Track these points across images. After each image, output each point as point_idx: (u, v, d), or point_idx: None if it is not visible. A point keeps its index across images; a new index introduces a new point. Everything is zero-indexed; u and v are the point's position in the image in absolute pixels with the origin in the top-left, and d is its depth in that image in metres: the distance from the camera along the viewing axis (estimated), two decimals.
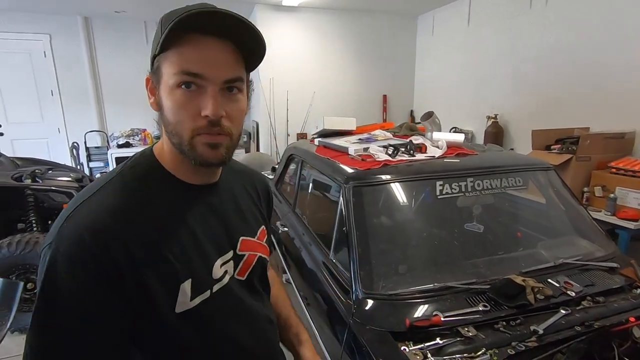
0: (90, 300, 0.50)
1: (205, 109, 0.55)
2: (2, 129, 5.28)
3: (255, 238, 0.74)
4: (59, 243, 0.51)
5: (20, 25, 5.05)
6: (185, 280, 0.58)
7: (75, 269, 0.50)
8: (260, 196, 0.81)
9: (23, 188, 2.52)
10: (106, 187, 0.58)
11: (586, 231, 1.50)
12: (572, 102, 3.19)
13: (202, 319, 0.61)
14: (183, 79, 0.54)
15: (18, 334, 2.41)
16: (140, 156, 0.65)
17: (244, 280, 0.71)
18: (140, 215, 0.56)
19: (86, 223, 0.52)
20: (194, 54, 0.54)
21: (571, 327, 1.02)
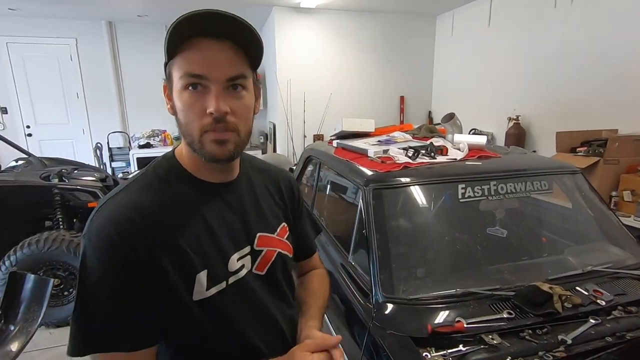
0: (114, 283, 0.57)
1: (209, 106, 0.58)
2: (31, 130, 5.50)
3: (274, 234, 0.77)
4: (90, 235, 0.59)
5: (49, 30, 5.26)
6: (201, 270, 0.63)
7: (102, 256, 0.57)
8: (284, 194, 0.83)
9: (51, 187, 2.62)
10: (131, 185, 0.64)
11: (616, 237, 1.44)
12: (598, 104, 3.08)
13: (217, 308, 0.65)
14: (188, 81, 0.59)
15: (45, 328, 2.50)
16: (163, 158, 0.70)
17: (264, 275, 0.73)
18: (161, 211, 0.62)
19: (111, 217, 0.59)
20: (196, 56, 0.58)
21: (601, 337, 0.98)
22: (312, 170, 2.25)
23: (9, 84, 5.26)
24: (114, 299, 0.57)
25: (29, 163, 3.12)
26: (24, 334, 0.99)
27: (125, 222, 0.58)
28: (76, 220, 2.81)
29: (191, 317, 0.63)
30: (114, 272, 0.57)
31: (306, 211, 0.94)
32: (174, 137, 5.78)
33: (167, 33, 0.58)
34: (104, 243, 0.57)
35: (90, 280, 0.57)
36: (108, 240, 0.57)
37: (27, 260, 2.31)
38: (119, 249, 0.57)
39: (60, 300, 2.49)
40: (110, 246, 0.57)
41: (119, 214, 0.59)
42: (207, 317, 0.64)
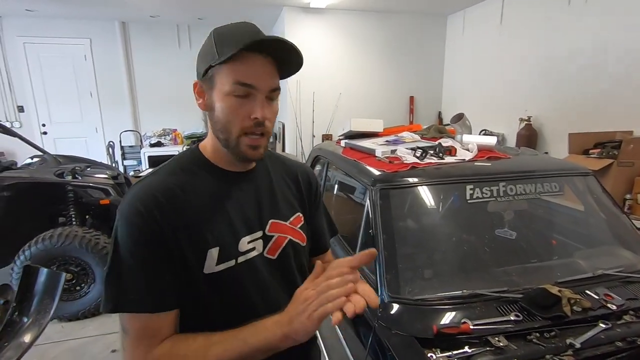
0: (140, 250, 0.65)
1: (255, 113, 0.68)
2: (46, 128, 5.63)
3: (287, 222, 0.82)
4: (122, 209, 0.67)
5: (64, 31, 5.38)
6: (213, 247, 0.69)
7: (130, 227, 0.65)
8: (301, 186, 0.89)
9: (64, 184, 2.68)
10: (159, 171, 0.74)
11: (629, 241, 1.41)
12: (613, 104, 3.02)
13: (225, 283, 0.71)
14: (238, 89, 0.67)
15: (57, 322, 2.56)
16: (187, 151, 0.79)
17: (275, 260, 0.78)
18: (182, 192, 0.70)
19: (139, 195, 0.67)
20: (247, 69, 0.67)
21: (611, 342, 0.96)
22: (320, 170, 2.25)
23: (26, 83, 5.40)
24: (140, 263, 0.64)
25: (44, 160, 3.19)
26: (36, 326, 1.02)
27: (150, 199, 0.66)
28: (88, 216, 2.86)
29: (200, 289, 0.69)
30: (140, 241, 0.65)
31: (325, 210, 0.98)
32: (184, 136, 5.86)
33: (223, 45, 0.67)
34: (132, 216, 0.65)
35: (121, 247, 0.65)
36: (136, 213, 0.65)
37: (40, 255, 2.37)
38: (145, 221, 0.65)
39: (72, 294, 2.54)
40: (138, 218, 0.65)
41: (146, 193, 0.67)
42: (214, 290, 0.70)
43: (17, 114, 5.48)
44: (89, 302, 2.55)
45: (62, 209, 2.73)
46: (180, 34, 5.81)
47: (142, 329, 0.65)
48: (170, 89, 5.87)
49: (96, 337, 2.42)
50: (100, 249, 2.47)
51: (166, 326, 0.66)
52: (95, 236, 2.49)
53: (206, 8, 4.79)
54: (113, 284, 0.65)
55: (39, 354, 2.25)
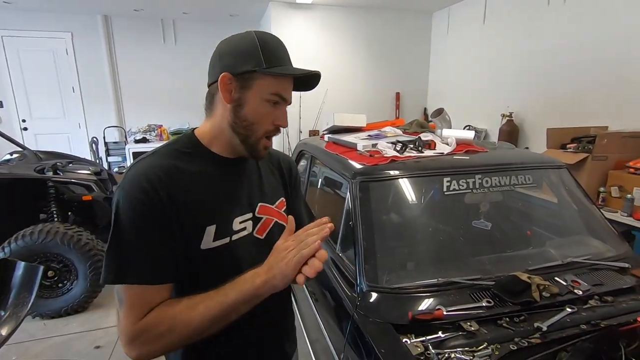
0: (143, 223, 0.68)
1: (280, 121, 0.79)
2: (27, 123, 5.50)
3: (273, 206, 0.89)
4: (124, 185, 0.70)
5: (44, 24, 5.24)
6: (210, 225, 0.75)
7: (133, 201, 0.68)
8: (284, 172, 0.97)
9: (45, 180, 2.63)
10: (156, 153, 0.77)
11: (598, 231, 1.47)
12: (590, 101, 3.12)
13: (219, 259, 0.76)
14: (274, 99, 0.76)
15: (39, 319, 2.53)
16: (182, 136, 0.83)
17: (262, 240, 0.85)
18: (181, 173, 0.74)
19: (142, 172, 0.71)
20: (285, 84, 0.77)
21: (576, 325, 1.01)
22: (304, 165, 2.27)
23: (4, 77, 5.25)
24: (141, 237, 0.68)
25: (24, 156, 3.13)
26: (13, 319, 1.02)
27: (153, 176, 0.70)
28: (71, 213, 2.82)
29: (197, 264, 0.74)
30: (144, 215, 0.68)
31: (303, 198, 1.06)
32: (170, 132, 5.79)
33: (263, 49, 0.74)
34: (136, 190, 0.68)
35: (123, 221, 0.68)
36: (139, 188, 0.68)
37: (21, 251, 2.33)
38: (148, 196, 0.68)
39: (55, 291, 2.51)
40: (141, 192, 0.68)
41: (148, 170, 0.71)
42: (210, 265, 0.75)
43: None
44: (72, 299, 2.52)
45: (43, 205, 2.69)
46: (165, 29, 5.72)
47: (136, 299, 0.67)
48: (155, 85, 5.79)
49: (80, 333, 2.40)
50: (83, 246, 2.44)
51: (160, 298, 0.69)
52: (77, 232, 2.46)
53: (192, 2, 4.73)
54: (114, 257, 0.68)
55: (21, 351, 2.22)
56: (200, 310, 0.67)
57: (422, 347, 0.94)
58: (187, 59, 5.72)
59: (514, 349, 0.93)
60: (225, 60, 0.75)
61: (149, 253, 0.68)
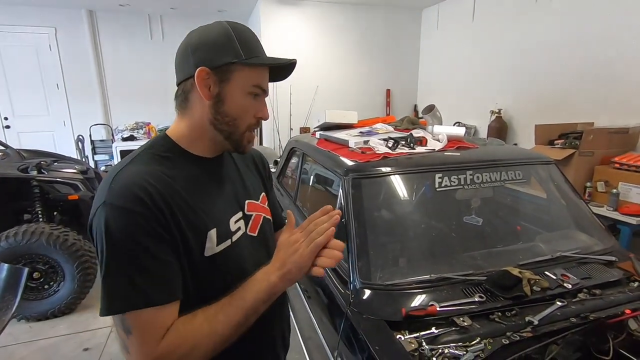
0: (147, 239, 0.61)
1: (262, 113, 0.76)
2: (9, 121, 5.35)
3: (258, 201, 0.88)
4: (113, 199, 0.61)
5: (26, 18, 5.09)
6: (211, 229, 0.71)
7: (132, 216, 0.60)
8: (258, 167, 0.96)
9: (29, 179, 2.56)
10: (136, 159, 0.69)
11: (586, 225, 1.50)
12: (577, 97, 3.17)
13: (225, 262, 0.73)
14: (255, 91, 0.73)
15: (25, 322, 2.47)
16: (155, 139, 0.76)
17: (257, 237, 0.84)
18: (169, 178, 0.68)
19: (133, 181, 0.63)
20: (264, 75, 0.75)
21: (566, 318, 1.02)
22: (295, 162, 2.26)
23: None
24: (147, 253, 0.61)
25: (6, 155, 3.04)
26: None
27: (146, 183, 0.63)
28: (56, 213, 2.76)
29: (202, 273, 0.69)
30: (145, 228, 0.60)
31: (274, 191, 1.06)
32: (158, 129, 5.70)
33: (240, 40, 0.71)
34: (131, 202, 0.60)
35: (120, 241, 0.59)
36: (134, 199, 0.60)
37: (5, 253, 2.27)
38: (147, 206, 0.61)
39: (41, 293, 2.45)
40: (138, 204, 0.60)
41: (138, 178, 0.63)
42: (216, 271, 0.71)
43: None
44: (59, 301, 2.47)
45: (28, 205, 2.62)
46: (152, 25, 5.62)
47: (150, 323, 0.61)
48: (142, 82, 5.69)
49: (67, 336, 2.35)
50: (69, 246, 2.38)
51: (173, 317, 0.63)
52: (63, 233, 2.40)
53: None
54: (117, 284, 0.60)
55: (6, 355, 2.17)
56: (221, 319, 0.64)
57: (416, 343, 0.94)
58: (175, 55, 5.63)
59: (506, 343, 0.94)
60: (199, 54, 0.70)
61: (156, 271, 0.61)
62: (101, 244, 0.60)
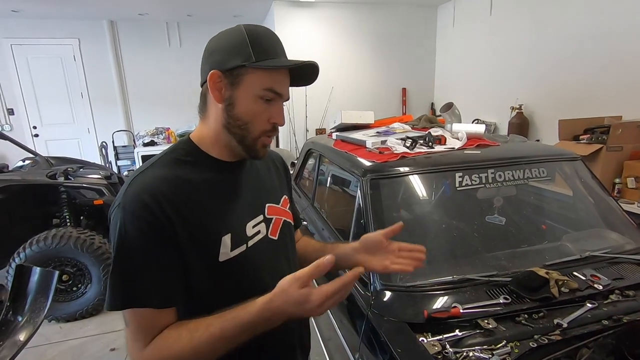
0: (150, 244, 0.64)
1: (276, 119, 0.73)
2: (37, 130, 5.58)
3: (279, 205, 0.87)
4: (125, 203, 0.65)
5: (51, 31, 5.31)
6: (226, 234, 0.71)
7: (139, 222, 0.63)
8: (280, 171, 0.96)
9: (57, 185, 2.67)
10: (156, 163, 0.72)
11: (616, 223, 1.44)
12: (603, 90, 3.05)
13: (240, 268, 0.73)
14: (267, 95, 0.71)
15: (55, 323, 2.57)
16: (178, 143, 0.78)
17: (277, 240, 0.83)
18: (186, 183, 0.69)
19: (145, 187, 0.65)
20: (279, 78, 0.71)
21: (598, 321, 0.98)
22: (312, 164, 2.26)
23: (15, 85, 5.33)
24: (147, 259, 0.64)
25: (36, 162, 3.18)
26: (31, 324, 1.03)
27: (157, 191, 0.65)
28: (83, 217, 2.86)
29: (217, 277, 0.71)
30: (149, 235, 0.63)
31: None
32: (177, 134, 5.83)
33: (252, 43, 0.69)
34: (139, 208, 0.63)
35: (127, 243, 0.63)
36: (142, 206, 0.63)
37: (36, 256, 2.36)
38: (154, 214, 0.63)
39: (69, 295, 2.55)
40: (145, 211, 0.63)
41: (151, 184, 0.66)
42: (230, 276, 0.72)
43: (7, 116, 5.42)
44: (87, 302, 2.55)
45: (56, 210, 2.72)
46: (170, 32, 5.76)
47: (143, 323, 0.65)
48: (161, 88, 5.83)
49: (95, 336, 2.43)
50: (95, 249, 2.47)
51: (167, 321, 0.66)
52: (90, 237, 2.48)
53: (195, 4, 4.75)
54: (119, 282, 0.64)
55: (38, 354, 2.26)
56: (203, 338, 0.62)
57: (439, 346, 0.92)
58: (192, 61, 5.72)
59: (534, 347, 0.91)
60: (213, 57, 0.71)
61: (155, 277, 0.64)
62: (112, 242, 0.65)
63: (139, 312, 0.64)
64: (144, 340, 0.65)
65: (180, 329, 0.66)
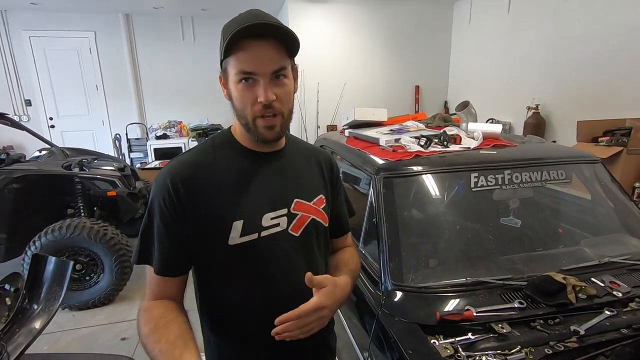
0: (162, 217, 0.74)
1: (259, 96, 0.72)
2: (54, 121, 5.69)
3: (310, 203, 0.86)
4: (157, 180, 0.76)
5: (68, 24, 5.39)
6: (237, 220, 0.76)
7: (159, 197, 0.74)
8: (323, 170, 0.94)
9: (72, 176, 2.71)
10: (194, 149, 0.82)
11: (636, 229, 1.39)
12: (623, 91, 2.95)
13: (247, 255, 0.77)
14: (241, 77, 0.72)
15: (69, 311, 2.62)
16: (219, 132, 0.86)
17: (298, 237, 0.83)
18: (208, 168, 0.77)
19: (169, 170, 0.76)
20: (246, 56, 0.71)
21: (617, 329, 0.95)
22: None
23: (32, 76, 5.44)
24: (157, 232, 0.75)
25: (52, 153, 3.23)
26: (46, 312, 1.05)
27: (177, 175, 0.74)
28: (96, 208, 2.90)
29: (224, 259, 0.77)
30: (162, 212, 0.74)
31: (344, 193, 1.02)
32: (189, 128, 5.88)
33: (223, 37, 0.71)
34: (161, 187, 0.74)
35: (150, 212, 0.76)
36: (163, 186, 0.74)
37: (50, 245, 2.41)
38: (169, 194, 0.73)
39: (82, 284, 2.60)
40: (164, 191, 0.73)
41: (175, 169, 0.76)
42: (237, 260, 0.77)
43: (25, 107, 5.54)
44: (99, 292, 2.60)
45: (71, 200, 2.77)
46: (184, 26, 5.79)
47: (150, 279, 0.78)
48: (175, 82, 5.88)
49: (106, 325, 2.47)
50: (108, 240, 2.50)
51: (170, 288, 0.78)
52: (103, 227, 2.52)
53: None
54: (140, 241, 0.77)
55: (52, 341, 2.31)
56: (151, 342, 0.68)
57: (451, 349, 0.91)
58: (206, 56, 5.76)
59: (549, 353, 0.89)
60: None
61: (161, 248, 0.75)
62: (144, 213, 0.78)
63: (150, 270, 0.76)
64: (149, 293, 0.78)
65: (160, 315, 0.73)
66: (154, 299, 0.77)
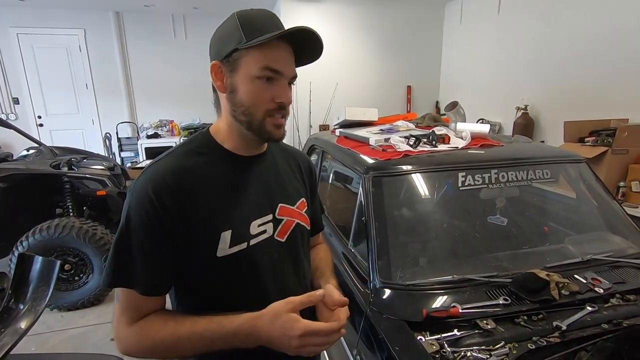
0: (146, 232, 0.66)
1: (280, 97, 0.70)
2: (42, 120, 5.60)
3: (294, 207, 0.84)
4: (133, 190, 0.68)
5: (57, 21, 5.30)
6: (226, 230, 0.71)
7: (140, 209, 0.66)
8: (303, 172, 0.93)
9: (61, 175, 2.68)
10: (170, 154, 0.74)
11: (619, 227, 1.43)
12: (610, 92, 3.01)
13: (238, 265, 0.73)
14: (266, 74, 0.68)
15: (57, 311, 2.59)
16: (198, 134, 0.79)
17: (284, 243, 0.81)
18: (192, 175, 0.70)
19: (150, 178, 0.68)
20: (276, 55, 0.69)
21: (597, 324, 0.98)
22: (315, 160, 2.26)
23: (20, 74, 5.35)
24: (141, 247, 0.66)
25: (40, 152, 3.18)
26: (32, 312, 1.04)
27: (161, 183, 0.67)
28: (86, 208, 2.87)
29: (214, 272, 0.71)
30: (145, 224, 0.66)
31: (319, 200, 1.04)
32: (181, 127, 5.84)
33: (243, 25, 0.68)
34: (142, 198, 0.66)
35: (127, 226, 0.67)
36: (145, 196, 0.66)
37: (38, 245, 2.38)
38: (153, 205, 0.65)
39: (71, 284, 2.57)
40: (147, 201, 0.66)
41: (158, 175, 0.68)
42: (228, 272, 0.72)
43: (13, 105, 5.44)
44: (88, 292, 2.58)
45: (59, 200, 2.74)
46: (176, 24, 5.74)
47: (130, 302, 0.68)
48: (166, 80, 5.83)
49: (96, 325, 2.45)
50: (98, 240, 2.48)
51: (152, 306, 0.70)
52: (92, 227, 2.50)
53: None
54: (113, 261, 0.67)
55: (40, 342, 2.28)
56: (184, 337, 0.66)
57: (437, 345, 0.92)
58: (198, 54, 5.72)
59: (532, 348, 0.91)
60: (212, 49, 0.72)
61: (146, 265, 0.67)
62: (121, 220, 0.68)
63: (127, 292, 0.68)
64: (129, 318, 0.68)
65: (167, 318, 0.69)
66: (134, 322, 0.68)
